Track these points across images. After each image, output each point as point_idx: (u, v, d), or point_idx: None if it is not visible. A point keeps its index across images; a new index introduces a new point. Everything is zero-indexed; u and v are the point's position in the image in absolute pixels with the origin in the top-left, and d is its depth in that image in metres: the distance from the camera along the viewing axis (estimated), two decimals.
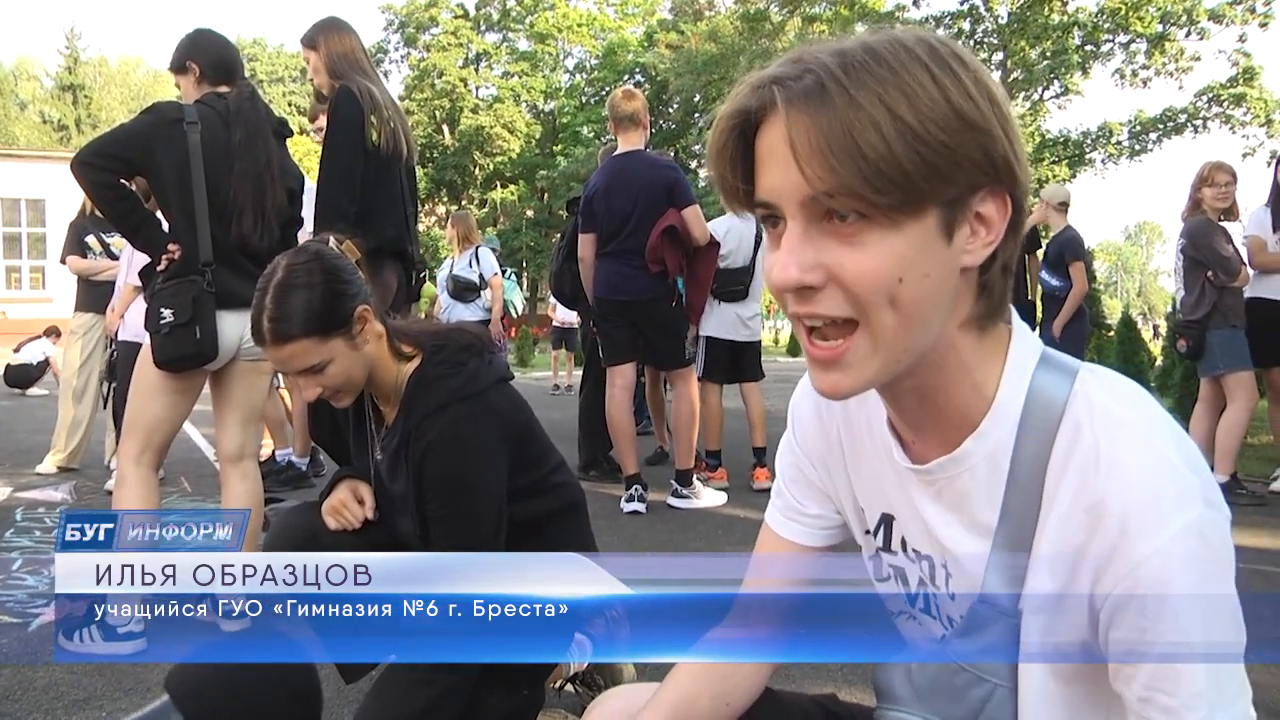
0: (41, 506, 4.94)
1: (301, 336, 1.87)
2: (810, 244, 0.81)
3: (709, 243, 4.89)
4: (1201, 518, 0.80)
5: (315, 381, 1.92)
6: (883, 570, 1.09)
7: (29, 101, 53.53)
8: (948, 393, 0.90)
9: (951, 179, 0.79)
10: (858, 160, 0.76)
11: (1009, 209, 0.84)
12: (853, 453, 1.08)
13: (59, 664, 2.66)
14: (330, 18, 3.68)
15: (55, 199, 23.94)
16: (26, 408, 10.64)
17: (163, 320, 2.76)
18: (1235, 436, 5.09)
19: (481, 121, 40.75)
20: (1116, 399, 0.86)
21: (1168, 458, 0.82)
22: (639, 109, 4.88)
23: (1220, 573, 0.81)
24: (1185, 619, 0.79)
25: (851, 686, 2.51)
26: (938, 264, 0.82)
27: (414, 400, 1.98)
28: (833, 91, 0.78)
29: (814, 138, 0.78)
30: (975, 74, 0.81)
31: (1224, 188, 5.14)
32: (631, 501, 4.80)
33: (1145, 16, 22.88)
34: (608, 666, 2.38)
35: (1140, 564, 0.80)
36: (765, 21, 30.15)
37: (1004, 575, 0.89)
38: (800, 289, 0.82)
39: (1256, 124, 22.58)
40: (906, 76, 0.78)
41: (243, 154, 2.86)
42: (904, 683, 0.99)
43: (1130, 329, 9.31)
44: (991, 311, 0.89)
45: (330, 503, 2.09)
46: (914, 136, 0.77)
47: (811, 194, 0.79)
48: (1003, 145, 0.81)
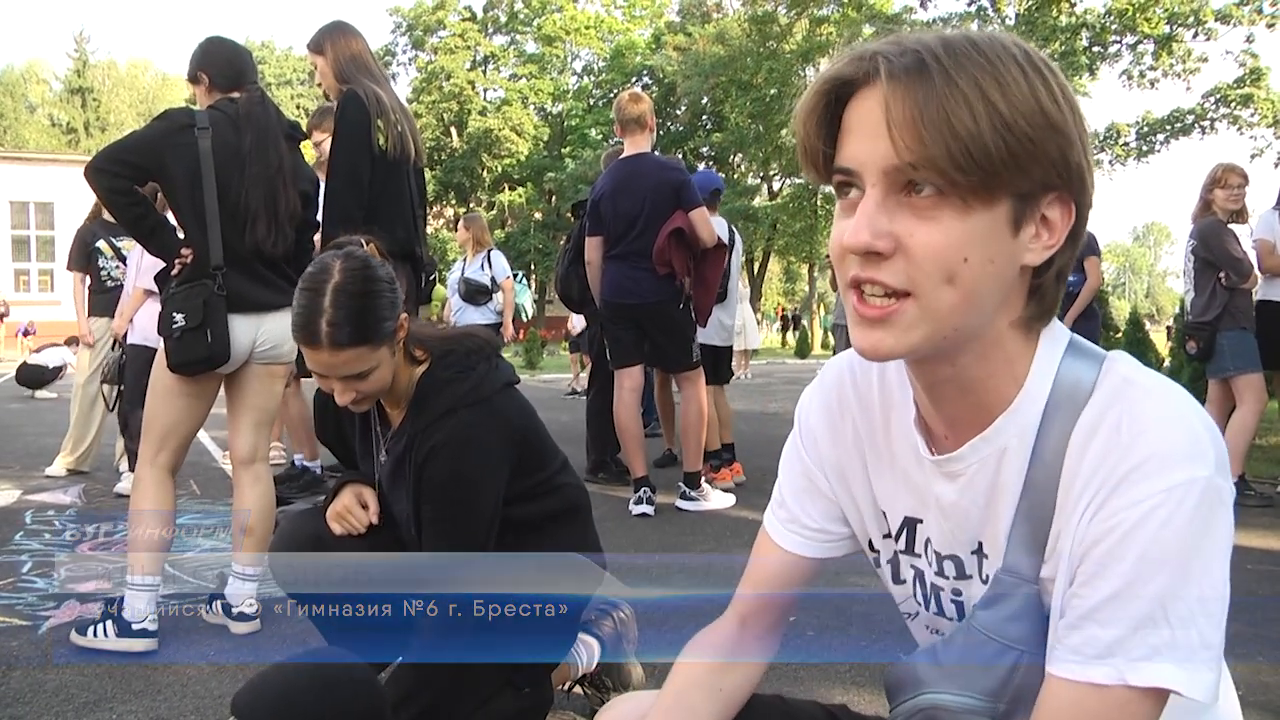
0: (51, 509, 4.96)
1: (360, 344, 1.87)
2: (885, 212, 0.83)
3: (716, 245, 4.90)
4: (1209, 481, 0.81)
5: (354, 387, 1.91)
6: (901, 573, 1.10)
7: (38, 104, 53.80)
8: (987, 385, 0.92)
9: (1029, 172, 0.82)
10: (947, 136, 0.79)
11: (1073, 217, 0.87)
12: (873, 454, 1.08)
13: (70, 666, 2.68)
14: (337, 21, 3.69)
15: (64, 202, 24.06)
16: (37, 410, 10.68)
17: (175, 324, 2.79)
18: (1244, 438, 5.08)
19: (489, 124, 40.84)
20: (1145, 375, 0.89)
21: (1189, 420, 0.84)
22: (645, 111, 4.88)
23: (1207, 536, 0.81)
24: (1150, 564, 0.81)
25: (860, 689, 2.51)
26: (1001, 253, 0.84)
27: (422, 403, 1.99)
28: (933, 70, 0.81)
29: (910, 109, 0.81)
30: (1061, 83, 0.85)
31: (1236, 190, 5.13)
32: (640, 504, 4.80)
33: (1152, 18, 22.78)
34: (616, 668, 2.38)
35: (1129, 505, 0.82)
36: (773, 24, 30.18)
37: (1025, 545, 0.92)
38: (868, 254, 0.84)
39: (1264, 125, 22.47)
40: (1003, 69, 0.82)
41: (254, 159, 2.88)
42: (929, 666, 1.00)
43: (1138, 330, 9.29)
44: (1041, 315, 0.92)
45: (335, 508, 2.09)
46: (1003, 123, 0.80)
47: (898, 163, 0.82)
48: (1079, 153, 0.85)
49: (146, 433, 2.92)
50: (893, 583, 1.12)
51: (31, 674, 2.62)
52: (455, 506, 1.96)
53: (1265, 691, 2.50)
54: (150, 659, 2.73)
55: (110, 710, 2.38)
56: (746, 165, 36.75)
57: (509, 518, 2.08)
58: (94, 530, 4.40)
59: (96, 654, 2.74)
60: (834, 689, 2.52)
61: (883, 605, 3.34)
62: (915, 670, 1.01)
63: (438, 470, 1.94)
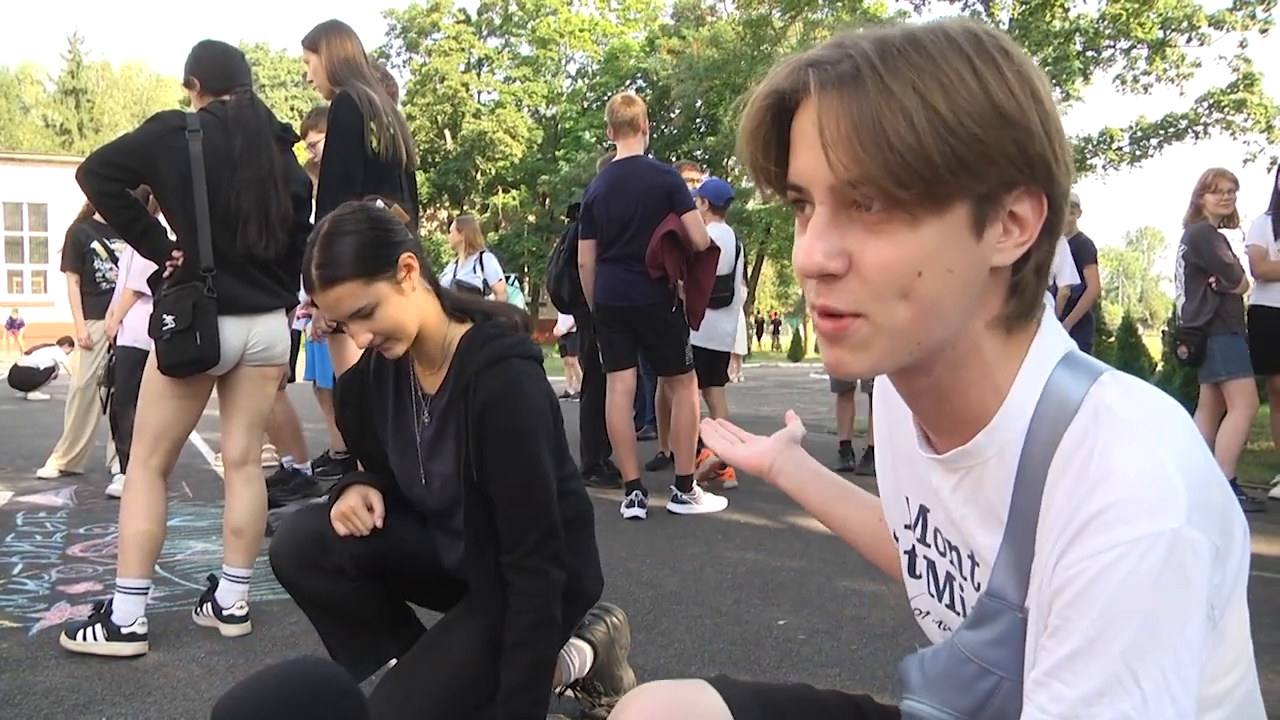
0: (43, 511, 4.94)
1: (348, 279, 1.91)
2: (837, 230, 0.80)
3: (709, 248, 4.90)
4: (1177, 534, 0.73)
5: (365, 326, 1.94)
6: (917, 566, 1.07)
7: (32, 105, 53.71)
8: (966, 395, 0.88)
9: (982, 175, 0.77)
10: (884, 150, 0.74)
11: (1045, 210, 0.82)
12: (901, 444, 1.07)
13: (59, 668, 2.67)
14: (333, 21, 3.68)
15: (58, 203, 24.01)
16: (29, 411, 10.66)
17: (165, 327, 2.78)
18: (1236, 442, 5.09)
19: (483, 126, 40.82)
20: (1130, 402, 0.83)
21: (1162, 464, 0.77)
22: (638, 115, 4.89)
23: (1173, 591, 0.73)
24: (1114, 620, 0.74)
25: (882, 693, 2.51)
26: (963, 260, 0.80)
27: (470, 354, 1.99)
28: (867, 78, 0.76)
29: (843, 124, 0.76)
30: (1020, 68, 0.79)
31: (1227, 194, 5.14)
32: (632, 507, 4.80)
33: (1146, 22, 22.87)
34: (607, 672, 2.38)
35: (1091, 555, 0.75)
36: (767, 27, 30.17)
37: (1011, 571, 0.88)
38: (822, 276, 0.80)
39: (1257, 130, 22.56)
40: (945, 66, 0.76)
41: (245, 161, 2.87)
42: (918, 671, 0.99)
43: (1131, 334, 9.31)
44: (1022, 312, 0.87)
45: (340, 508, 2.07)
46: (945, 128, 0.75)
47: (834, 182, 0.78)
48: (1041, 143, 0.79)
49: (139, 435, 2.92)
50: (909, 575, 1.10)
51: (21, 675, 2.61)
52: (524, 458, 1.95)
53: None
54: (141, 661, 2.72)
55: (100, 713, 2.37)
56: (741, 169, 36.70)
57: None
58: (85, 532, 4.40)
59: (86, 656, 2.73)
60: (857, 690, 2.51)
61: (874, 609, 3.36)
62: (909, 671, 1.01)
63: (499, 421, 1.93)
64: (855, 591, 3.36)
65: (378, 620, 2.15)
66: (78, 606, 3.24)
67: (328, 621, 2.16)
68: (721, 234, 5.66)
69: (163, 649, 2.83)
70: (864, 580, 3.45)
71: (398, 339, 1.97)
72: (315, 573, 2.08)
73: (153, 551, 2.87)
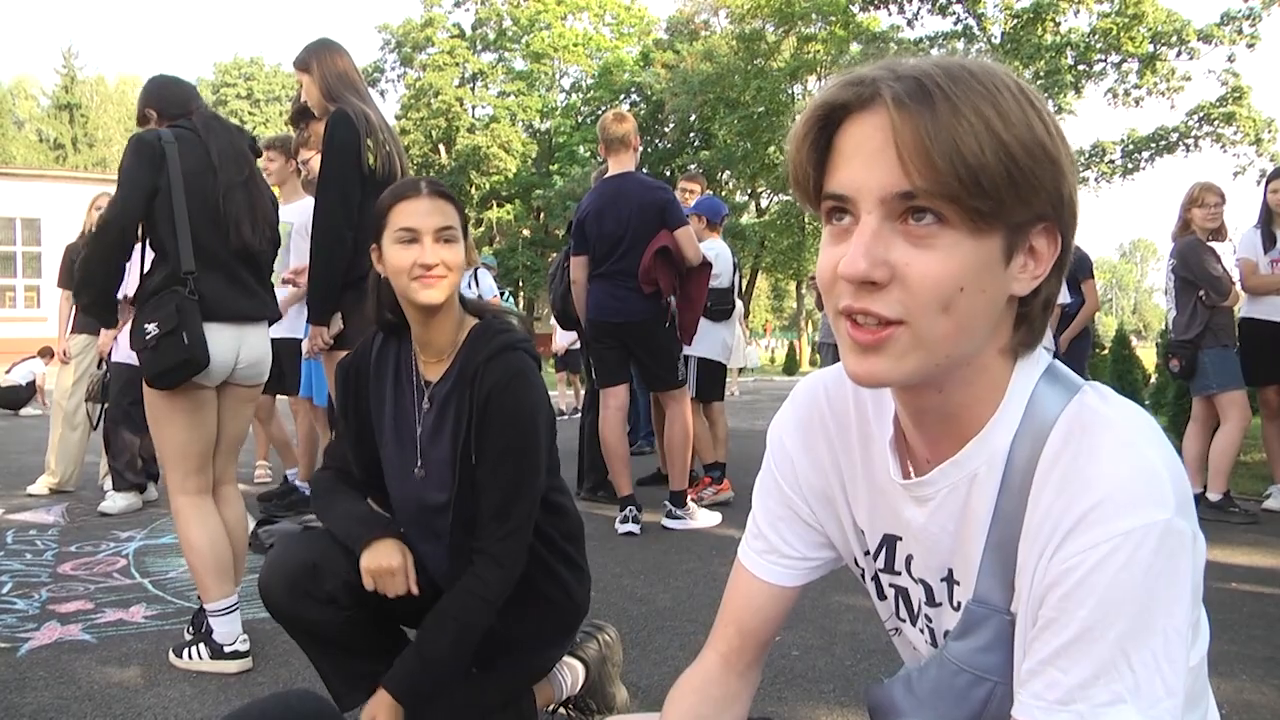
0: (33, 529, 4.91)
1: (451, 202, 2.07)
2: (882, 240, 0.82)
3: (701, 263, 4.91)
4: (1168, 525, 0.79)
5: (439, 253, 2.00)
6: (884, 590, 1.09)
7: (26, 120, 53.65)
8: (972, 411, 0.92)
9: (1027, 202, 0.82)
10: (958, 164, 0.78)
11: (1058, 247, 0.87)
12: (850, 472, 1.08)
13: (48, 689, 2.65)
14: (323, 39, 3.68)
15: (51, 218, 23.94)
16: (20, 428, 10.60)
17: (148, 334, 2.71)
18: (1229, 455, 5.11)
19: (478, 141, 40.89)
20: (1110, 407, 0.88)
21: (1150, 461, 0.82)
22: (629, 131, 4.90)
23: (1165, 580, 0.79)
24: (1110, 608, 0.79)
25: (844, 709, 2.51)
26: (994, 283, 0.84)
27: (482, 341, 2.05)
28: (937, 96, 0.80)
29: (919, 136, 0.79)
30: (1050, 115, 0.84)
31: (1213, 208, 5.18)
32: (626, 523, 4.79)
33: (1136, 37, 23.06)
34: (600, 690, 2.37)
35: (1086, 549, 0.80)
36: (761, 41, 30.35)
37: (995, 577, 0.91)
38: (863, 283, 0.83)
39: (1246, 142, 22.74)
40: (1001, 98, 0.81)
41: (226, 165, 2.88)
42: (905, 694, 0.99)
43: (1124, 347, 9.32)
44: (1029, 342, 0.92)
45: (377, 563, 1.96)
46: (1007, 154, 0.79)
47: (906, 189, 0.80)
48: (1070, 185, 0.84)
49: (165, 464, 2.88)
50: (877, 599, 1.12)
51: (8, 696, 2.58)
52: (520, 440, 1.99)
53: (1249, 710, 2.50)
54: (132, 681, 2.70)
55: None
56: (735, 183, 36.83)
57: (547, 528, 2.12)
58: (77, 550, 4.38)
59: (75, 677, 2.72)
60: (818, 708, 2.51)
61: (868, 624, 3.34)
62: (893, 696, 1.01)
63: (504, 403, 1.98)
64: (849, 607, 3.35)
65: (370, 647, 2.13)
66: (68, 626, 3.22)
67: (320, 649, 2.14)
68: (719, 249, 5.71)
69: (153, 668, 2.81)
70: (858, 595, 3.43)
71: (452, 272, 2.03)
72: (308, 603, 2.04)
73: (225, 568, 2.85)
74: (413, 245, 2.00)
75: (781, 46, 30.47)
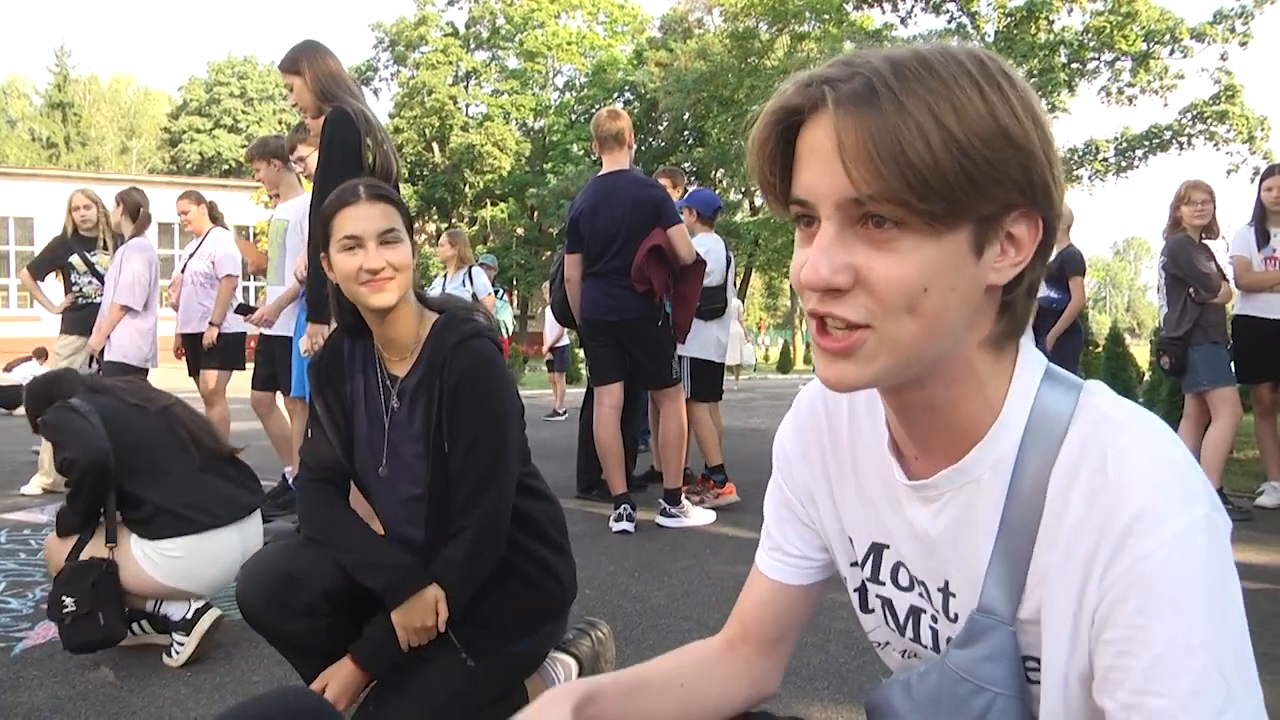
0: (27, 529, 4.90)
1: (392, 204, 2.08)
2: (843, 245, 0.81)
3: (695, 261, 4.91)
4: (1207, 517, 0.79)
5: (384, 256, 2.01)
6: (869, 602, 1.09)
7: (18, 119, 53.49)
8: (959, 406, 0.90)
9: (990, 195, 0.79)
10: (903, 166, 0.76)
11: (1040, 232, 0.84)
12: (839, 480, 1.07)
13: (42, 688, 2.64)
14: (308, 41, 3.69)
15: (44, 217, 23.92)
16: (13, 428, 10.56)
17: (64, 609, 2.69)
18: (1220, 452, 5.12)
19: (471, 139, 40.79)
20: (1123, 409, 0.87)
21: (1176, 459, 0.82)
22: (623, 129, 4.90)
23: (1224, 573, 0.79)
24: (1187, 614, 0.77)
25: (839, 706, 2.52)
26: (964, 279, 0.82)
27: (446, 332, 2.07)
28: (883, 96, 0.77)
29: (861, 140, 0.77)
30: (1022, 94, 0.81)
31: (1201, 205, 5.21)
32: (620, 521, 4.79)
33: (1130, 35, 23.11)
34: None
35: (1143, 559, 0.78)
36: (754, 39, 30.32)
37: (1002, 585, 0.89)
38: (827, 289, 0.82)
39: (1239, 140, 22.81)
40: (955, 89, 0.78)
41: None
42: (903, 698, 0.99)
43: (1118, 344, 9.35)
44: (1012, 331, 0.90)
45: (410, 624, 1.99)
46: (958, 149, 0.77)
47: (853, 196, 0.79)
48: (1042, 168, 0.81)
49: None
50: (861, 611, 1.11)
51: (2, 697, 2.58)
52: (495, 420, 2.04)
53: None
54: (126, 679, 2.70)
55: None
56: (728, 181, 36.84)
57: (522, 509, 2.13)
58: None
59: (69, 677, 2.72)
60: (813, 706, 2.52)
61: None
62: (891, 700, 1.01)
63: (473, 389, 2.01)
64: (844, 604, 3.34)
65: None
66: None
67: (302, 658, 2.14)
68: (711, 245, 5.66)
69: (147, 668, 2.81)
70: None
71: (400, 273, 2.03)
72: (286, 613, 2.04)
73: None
74: (358, 251, 2.01)
75: (775, 45, 30.44)
